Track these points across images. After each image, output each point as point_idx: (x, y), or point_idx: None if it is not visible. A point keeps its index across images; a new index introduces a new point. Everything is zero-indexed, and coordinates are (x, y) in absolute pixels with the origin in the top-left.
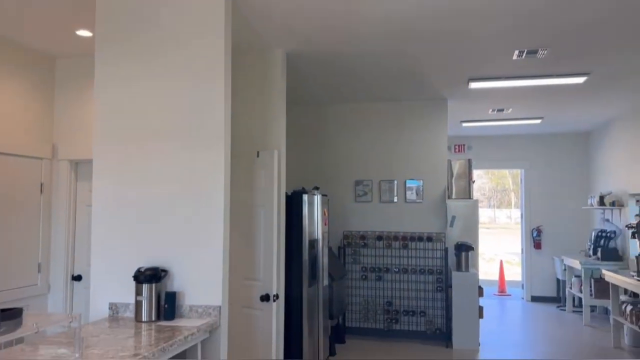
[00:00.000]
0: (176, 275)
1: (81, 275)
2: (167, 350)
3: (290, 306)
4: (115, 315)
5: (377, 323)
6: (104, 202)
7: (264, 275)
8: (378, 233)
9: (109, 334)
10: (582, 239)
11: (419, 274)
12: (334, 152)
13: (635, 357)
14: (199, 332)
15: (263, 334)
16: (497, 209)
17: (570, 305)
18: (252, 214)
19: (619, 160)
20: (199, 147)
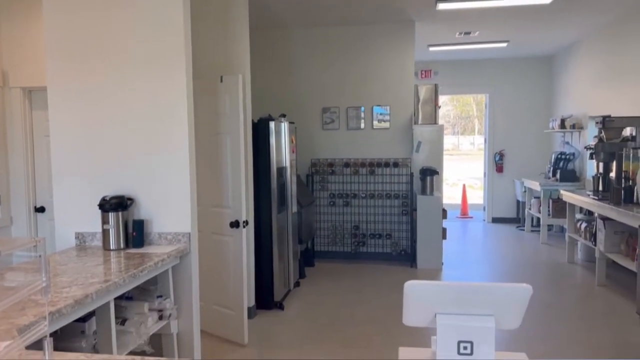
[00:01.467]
0: (143, 203)
1: (44, 207)
2: (137, 276)
3: (260, 232)
4: (82, 245)
5: (345, 246)
6: (62, 132)
7: (233, 202)
8: (345, 160)
9: (77, 262)
10: (543, 161)
11: (385, 198)
12: (300, 79)
13: (586, 270)
14: (169, 258)
15: (234, 259)
16: (460, 135)
17: (529, 225)
18: (218, 142)
19: (580, 84)
20: (159, 71)
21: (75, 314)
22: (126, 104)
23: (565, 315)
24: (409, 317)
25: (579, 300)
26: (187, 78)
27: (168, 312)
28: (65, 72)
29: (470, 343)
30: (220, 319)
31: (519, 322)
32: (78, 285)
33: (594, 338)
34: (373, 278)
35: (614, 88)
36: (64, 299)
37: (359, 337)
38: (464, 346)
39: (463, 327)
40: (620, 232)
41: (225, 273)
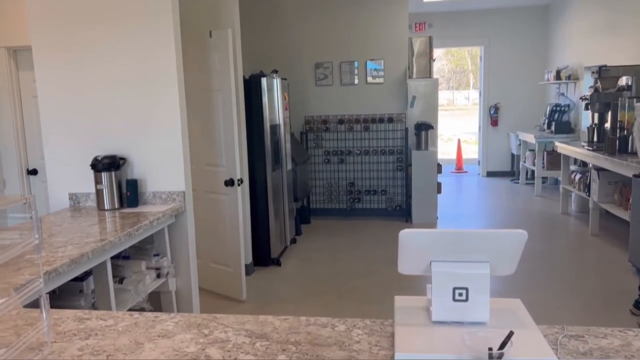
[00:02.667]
0: (136, 162)
1: (36, 169)
2: (133, 235)
3: (255, 191)
4: (76, 205)
5: (340, 203)
6: (50, 92)
7: (227, 160)
8: (340, 117)
9: (72, 223)
10: (538, 114)
11: (380, 154)
12: (292, 34)
13: (579, 220)
14: (165, 217)
15: (230, 218)
16: (455, 90)
17: (523, 178)
18: (209, 99)
19: (576, 34)
20: (147, 28)
21: (72, 273)
22: (114, 62)
23: (558, 264)
24: (404, 265)
25: (572, 250)
26: (175, 34)
27: (165, 270)
28: (49, 31)
29: (466, 289)
30: (218, 276)
31: (514, 268)
32: (74, 244)
33: (587, 286)
34: (369, 233)
35: (610, 38)
36: (59, 258)
37: (355, 290)
38: (459, 292)
39: (458, 274)
40: (614, 182)
41: (221, 231)
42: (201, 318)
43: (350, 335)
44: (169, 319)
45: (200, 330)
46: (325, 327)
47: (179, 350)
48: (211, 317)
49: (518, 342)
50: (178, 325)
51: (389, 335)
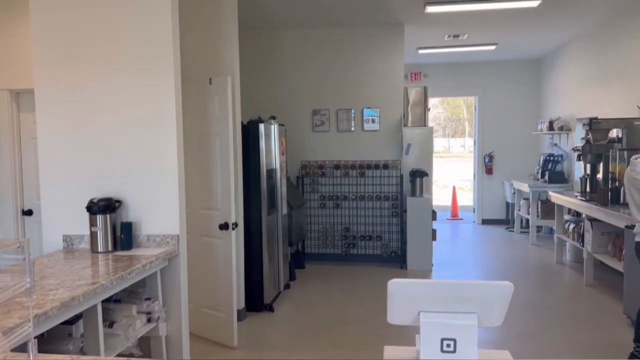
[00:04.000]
0: (131, 205)
1: (32, 210)
2: (125, 279)
3: (250, 234)
4: (70, 247)
5: (335, 248)
6: (50, 134)
7: (222, 204)
8: (336, 162)
9: (65, 265)
10: (531, 163)
11: (375, 200)
12: (290, 81)
13: (574, 270)
14: (158, 261)
15: (223, 262)
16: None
17: (518, 226)
18: (207, 144)
19: (568, 86)
20: (147, 73)
21: (62, 317)
22: (114, 106)
23: (553, 315)
24: (393, 315)
25: (567, 300)
26: (175, 80)
27: (156, 315)
28: (53, 74)
29: (454, 340)
30: (209, 321)
31: (502, 320)
32: (65, 287)
33: (581, 338)
34: (363, 279)
35: (601, 90)
36: (50, 302)
37: (348, 338)
38: (447, 344)
39: (446, 325)
40: (607, 233)
41: (214, 275)
42: None
43: None
44: None
45: None
46: None
47: None
48: None
49: None
50: None
51: None
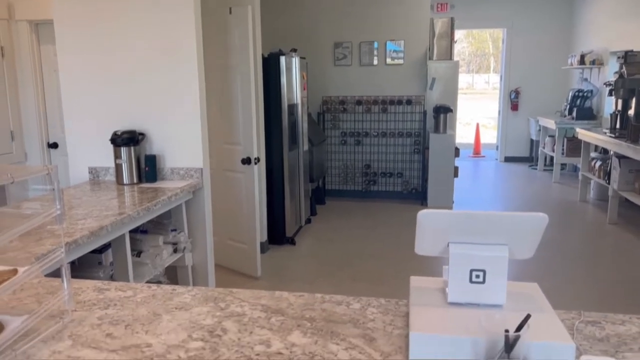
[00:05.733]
0: (155, 138)
1: (57, 143)
2: (151, 210)
3: (271, 170)
4: (95, 179)
5: (356, 185)
6: (71, 66)
7: (244, 138)
8: (357, 97)
9: (92, 196)
10: (559, 99)
11: (398, 137)
12: (311, 12)
13: (598, 208)
14: (182, 193)
15: (246, 196)
16: (475, 74)
17: (541, 164)
18: (228, 77)
19: (602, 18)
20: (167, 6)
21: (91, 245)
22: (136, 37)
23: (575, 252)
24: (421, 246)
25: (589, 238)
26: (195, 11)
27: (182, 245)
28: (72, 8)
29: (483, 271)
30: (234, 253)
31: (533, 252)
32: (93, 217)
33: (603, 274)
34: (384, 216)
35: (637, 22)
36: (79, 230)
37: (369, 271)
38: (476, 274)
39: (476, 256)
40: (635, 170)
41: (238, 209)
42: (218, 292)
43: (365, 313)
44: (187, 292)
45: (217, 303)
46: (340, 304)
47: (196, 322)
48: (227, 291)
49: (535, 325)
50: (195, 298)
51: (403, 314)
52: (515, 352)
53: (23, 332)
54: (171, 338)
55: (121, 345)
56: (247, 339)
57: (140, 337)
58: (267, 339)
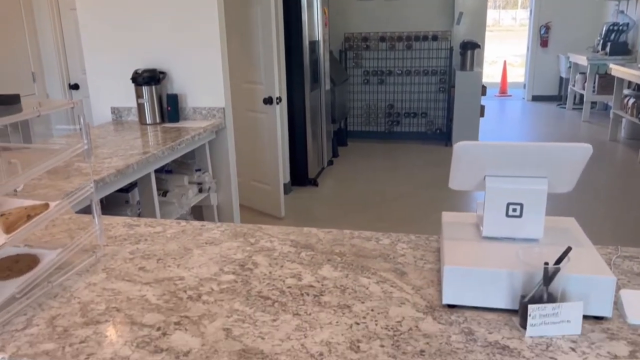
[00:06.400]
0: (175, 77)
1: (78, 84)
2: (175, 149)
3: (293, 111)
4: (118, 119)
5: (379, 126)
6: (89, 4)
7: (266, 78)
8: (381, 34)
9: (116, 136)
10: (592, 34)
11: (423, 75)
12: None
13: (628, 147)
14: (205, 133)
15: (268, 136)
16: (502, 10)
17: (570, 103)
18: (249, 14)
19: None
20: None
21: (118, 184)
22: None
23: (606, 190)
24: (457, 180)
25: (620, 177)
26: None
27: (207, 185)
28: None
29: (520, 205)
30: (257, 193)
31: (572, 186)
32: (118, 156)
33: (635, 212)
34: (407, 157)
35: None
36: (106, 169)
37: (393, 212)
38: (513, 208)
39: (513, 190)
40: None
41: (260, 150)
42: (247, 228)
43: (395, 248)
44: (216, 228)
45: (246, 239)
46: (369, 240)
47: (227, 256)
48: (256, 227)
49: (574, 258)
50: (224, 233)
51: (434, 250)
52: (554, 285)
53: (58, 265)
54: (203, 271)
55: (154, 278)
56: (278, 273)
57: (172, 271)
58: (297, 273)
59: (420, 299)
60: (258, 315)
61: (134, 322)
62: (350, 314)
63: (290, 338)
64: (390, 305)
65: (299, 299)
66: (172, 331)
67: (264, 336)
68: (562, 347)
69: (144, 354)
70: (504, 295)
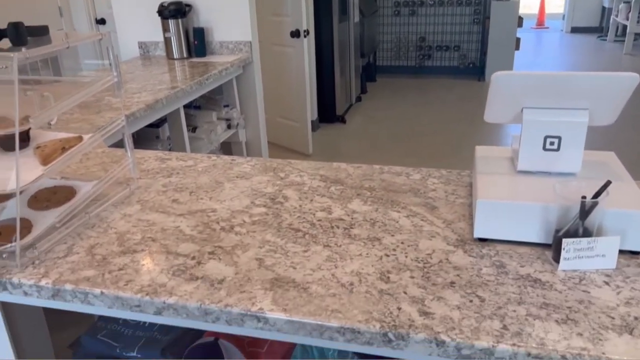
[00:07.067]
0: (201, 10)
1: (104, 19)
2: (203, 84)
3: (320, 44)
4: (146, 54)
5: (409, 60)
6: None
7: (292, 9)
8: None
9: (144, 71)
10: None
11: (456, 5)
12: None
13: None
14: (233, 67)
15: (296, 71)
16: None
17: (612, 34)
18: None
19: None
20: None
21: (148, 119)
22: None
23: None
24: (492, 112)
25: None
26: None
27: (235, 122)
28: None
29: (559, 138)
30: (285, 130)
31: (615, 118)
32: (147, 91)
33: None
34: (438, 92)
35: None
36: (136, 104)
37: (423, 148)
38: (551, 141)
39: (552, 122)
40: None
41: (287, 86)
42: (276, 163)
43: (426, 183)
44: (246, 162)
45: (276, 173)
46: (399, 175)
47: (257, 190)
48: (286, 162)
49: (612, 193)
50: (255, 168)
51: (466, 185)
52: (590, 220)
53: (94, 196)
54: (235, 204)
55: (187, 210)
56: (308, 206)
57: (205, 203)
58: (327, 206)
59: (451, 232)
60: (289, 247)
61: (169, 252)
62: (380, 246)
63: (321, 268)
64: (421, 238)
65: (329, 231)
66: (207, 260)
67: (295, 266)
68: (596, 281)
69: (180, 281)
70: (537, 230)
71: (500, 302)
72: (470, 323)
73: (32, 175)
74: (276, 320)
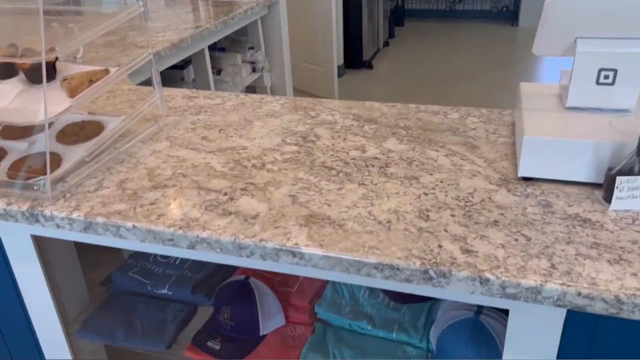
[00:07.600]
0: None
1: None
2: (228, 24)
3: None
4: None
5: (439, 3)
6: None
7: None
8: None
9: (167, 10)
10: None
11: None
12: None
13: None
14: (258, 7)
15: (322, 14)
16: None
17: None
18: None
19: None
20: None
21: (173, 59)
22: None
23: None
24: (543, 43)
25: None
26: None
27: (260, 65)
28: None
29: (614, 71)
30: (310, 75)
31: None
32: (172, 30)
33: None
34: (468, 38)
35: None
36: (160, 42)
37: (454, 95)
38: (605, 75)
39: (608, 54)
40: None
41: (313, 29)
42: (307, 101)
43: (465, 122)
44: (275, 101)
45: (307, 112)
46: (436, 114)
47: (288, 129)
48: (317, 101)
49: None
50: (284, 106)
51: (507, 124)
52: None
53: (122, 132)
54: (265, 142)
55: (217, 147)
56: (342, 145)
57: (234, 141)
58: (361, 145)
59: (493, 171)
60: (323, 184)
61: (200, 187)
62: (418, 185)
63: (357, 206)
64: (461, 177)
65: (364, 170)
66: (239, 196)
67: (330, 203)
68: None
69: (213, 216)
70: (587, 168)
71: (547, 242)
72: (516, 262)
73: (60, 107)
74: (312, 255)
